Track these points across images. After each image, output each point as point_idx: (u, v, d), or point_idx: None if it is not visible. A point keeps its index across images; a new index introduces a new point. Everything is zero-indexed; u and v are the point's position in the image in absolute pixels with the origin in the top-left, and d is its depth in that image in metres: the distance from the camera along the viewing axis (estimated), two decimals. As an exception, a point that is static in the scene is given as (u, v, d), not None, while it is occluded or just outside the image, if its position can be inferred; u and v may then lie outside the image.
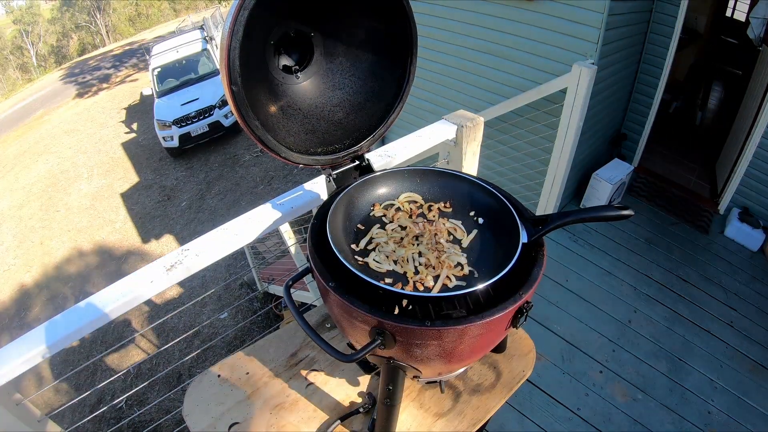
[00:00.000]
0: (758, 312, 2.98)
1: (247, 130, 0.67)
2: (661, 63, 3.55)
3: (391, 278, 0.66)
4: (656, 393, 2.51)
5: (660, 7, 3.37)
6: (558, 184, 3.14)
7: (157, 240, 7.72)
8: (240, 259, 6.36)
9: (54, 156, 11.20)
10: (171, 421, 3.12)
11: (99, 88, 15.51)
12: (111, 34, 26.08)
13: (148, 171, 9.72)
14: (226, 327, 5.52)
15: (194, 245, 1.09)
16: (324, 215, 0.69)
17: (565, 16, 3.04)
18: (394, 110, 0.82)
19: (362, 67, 0.79)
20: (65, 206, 9.18)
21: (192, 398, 0.87)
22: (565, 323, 2.87)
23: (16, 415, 1.04)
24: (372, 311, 0.56)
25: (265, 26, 0.66)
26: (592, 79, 2.68)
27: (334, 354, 0.55)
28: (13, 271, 7.81)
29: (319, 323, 1.02)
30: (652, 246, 3.43)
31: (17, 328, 6.71)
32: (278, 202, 1.18)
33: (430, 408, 0.85)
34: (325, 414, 0.85)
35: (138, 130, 11.58)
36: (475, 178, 0.77)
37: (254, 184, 8.51)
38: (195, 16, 18.66)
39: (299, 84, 0.77)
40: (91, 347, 5.78)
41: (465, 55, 3.76)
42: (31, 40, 25.71)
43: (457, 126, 1.42)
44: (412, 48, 0.77)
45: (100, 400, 4.94)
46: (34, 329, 0.98)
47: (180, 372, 5.01)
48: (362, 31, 0.76)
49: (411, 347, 0.57)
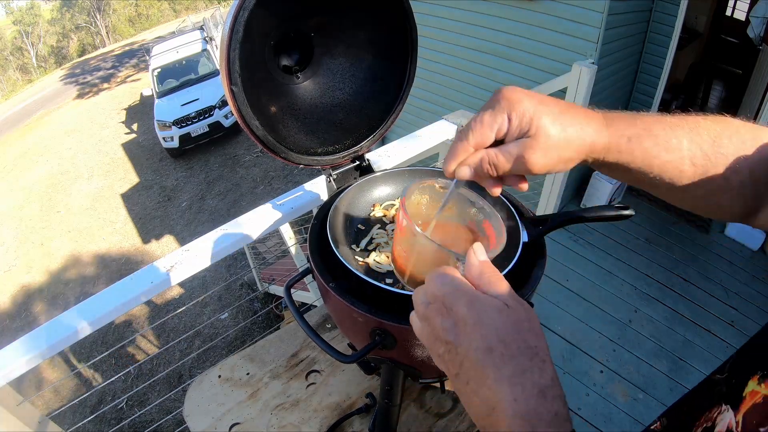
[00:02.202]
0: (759, 311, 2.98)
1: (247, 130, 0.67)
2: (661, 62, 3.54)
3: (392, 278, 0.66)
4: (657, 393, 2.51)
5: (660, 6, 3.37)
6: (558, 184, 3.14)
7: (157, 240, 7.72)
8: (240, 260, 6.37)
9: (54, 157, 11.21)
10: (172, 422, 3.12)
11: (99, 88, 15.52)
12: (111, 35, 26.10)
13: (149, 171, 9.73)
14: (226, 327, 5.52)
15: (194, 246, 1.09)
16: (324, 215, 0.69)
17: (565, 15, 3.04)
18: (394, 110, 0.82)
19: (362, 67, 0.79)
20: (66, 207, 9.19)
21: (193, 399, 0.87)
22: (565, 323, 2.87)
23: (16, 415, 1.04)
24: (372, 312, 0.55)
25: (265, 26, 0.66)
26: (591, 79, 2.68)
27: (334, 355, 0.55)
28: (13, 272, 7.82)
29: (319, 323, 1.02)
30: (652, 245, 3.43)
31: (18, 328, 6.71)
32: (278, 202, 1.18)
33: (430, 408, 0.85)
34: (325, 414, 0.85)
35: (138, 130, 11.58)
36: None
37: (254, 184, 8.51)
38: (195, 17, 18.69)
39: (299, 84, 0.77)
40: (91, 348, 5.78)
41: (465, 55, 3.76)
42: (31, 41, 25.73)
43: (457, 126, 1.43)
44: (412, 48, 0.77)
45: (100, 401, 4.94)
46: (35, 330, 0.98)
47: (181, 372, 5.01)
48: (362, 32, 0.76)
49: (411, 348, 0.57)
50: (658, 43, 3.51)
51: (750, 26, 3.89)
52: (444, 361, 0.35)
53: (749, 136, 0.44)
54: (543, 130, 0.41)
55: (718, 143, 0.44)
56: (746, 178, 0.44)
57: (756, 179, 0.44)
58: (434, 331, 0.36)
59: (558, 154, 0.43)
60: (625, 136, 0.44)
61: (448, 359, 0.35)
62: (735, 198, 0.45)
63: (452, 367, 0.34)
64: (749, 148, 0.44)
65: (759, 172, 0.44)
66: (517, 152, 0.42)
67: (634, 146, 0.44)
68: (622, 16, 3.06)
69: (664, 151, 0.44)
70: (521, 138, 0.42)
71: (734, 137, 0.44)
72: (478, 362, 0.32)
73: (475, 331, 0.33)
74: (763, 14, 3.79)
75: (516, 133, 0.42)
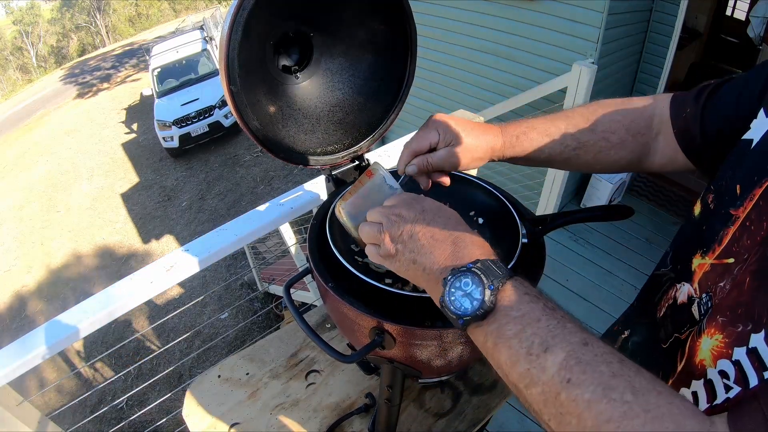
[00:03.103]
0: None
1: (246, 130, 0.67)
2: (661, 62, 3.54)
3: (391, 278, 0.66)
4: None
5: (660, 6, 3.37)
6: (558, 184, 3.14)
7: (157, 240, 7.72)
8: (240, 259, 6.37)
9: (54, 156, 11.21)
10: (172, 422, 3.11)
11: (99, 88, 15.52)
12: (111, 35, 26.09)
13: (149, 171, 9.73)
14: (226, 327, 5.52)
15: (194, 245, 1.09)
16: (324, 215, 0.69)
17: (565, 15, 3.04)
18: (394, 110, 0.82)
19: (362, 67, 0.79)
20: (66, 207, 9.19)
21: (192, 399, 0.87)
22: (565, 323, 2.86)
23: (16, 415, 1.04)
24: (372, 312, 0.56)
25: (265, 26, 0.66)
26: (591, 79, 2.68)
27: (334, 355, 0.55)
28: (13, 272, 7.82)
29: (319, 323, 1.02)
30: (652, 245, 3.43)
31: (18, 328, 6.72)
32: (278, 202, 1.18)
33: (430, 408, 0.85)
34: (325, 414, 0.85)
35: (138, 130, 11.58)
36: (474, 177, 0.76)
37: (254, 184, 8.51)
38: (195, 17, 18.70)
39: (299, 84, 0.77)
40: (91, 348, 5.78)
41: (465, 54, 3.76)
42: (31, 40, 25.74)
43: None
44: (412, 48, 0.77)
45: (100, 401, 4.94)
46: (35, 330, 0.98)
47: (181, 372, 5.01)
48: (362, 31, 0.76)
49: (411, 348, 0.57)
50: (658, 43, 3.51)
51: (750, 26, 3.88)
52: (403, 241, 0.46)
53: (621, 106, 0.63)
54: (460, 139, 0.61)
55: (591, 118, 0.62)
56: (624, 135, 0.61)
57: (635, 133, 0.61)
58: (398, 221, 0.47)
59: (471, 155, 0.62)
60: (514, 135, 0.63)
61: (407, 237, 0.46)
62: (619, 151, 0.63)
63: (410, 243, 0.46)
64: (621, 114, 0.62)
65: (635, 128, 0.61)
66: (445, 154, 0.61)
67: (522, 140, 0.63)
68: (622, 16, 3.06)
69: (546, 137, 0.63)
70: (447, 147, 0.62)
71: (608, 109, 0.63)
72: (444, 227, 0.46)
73: (440, 211, 0.49)
74: (763, 14, 3.78)
75: (443, 143, 0.61)
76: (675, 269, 0.55)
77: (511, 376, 0.38)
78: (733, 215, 0.45)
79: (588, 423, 0.32)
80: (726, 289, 0.43)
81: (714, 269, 0.46)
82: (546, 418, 0.35)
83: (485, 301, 0.40)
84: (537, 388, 0.35)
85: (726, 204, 0.47)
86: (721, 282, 0.44)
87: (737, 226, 0.44)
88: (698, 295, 0.48)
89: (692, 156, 0.60)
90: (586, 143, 0.62)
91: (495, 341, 0.39)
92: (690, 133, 0.58)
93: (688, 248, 0.52)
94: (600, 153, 0.63)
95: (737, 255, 0.43)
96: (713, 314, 0.42)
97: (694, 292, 0.49)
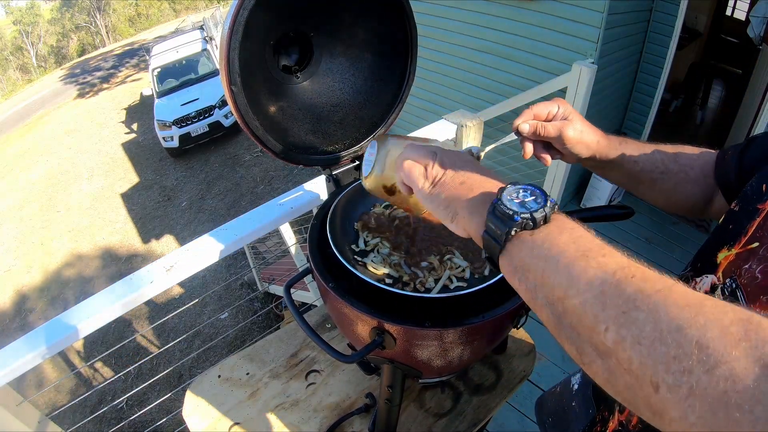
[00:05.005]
0: (759, 311, 2.98)
1: (246, 130, 0.67)
2: (661, 62, 3.54)
3: (392, 278, 0.66)
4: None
5: (660, 6, 3.37)
6: (558, 184, 3.14)
7: (157, 240, 7.72)
8: (240, 259, 6.36)
9: (54, 156, 11.21)
10: (172, 422, 3.11)
11: (99, 88, 15.51)
12: (111, 35, 26.08)
13: (149, 171, 9.72)
14: (226, 327, 5.52)
15: (194, 245, 1.09)
16: (324, 215, 0.69)
17: (565, 15, 3.04)
18: (394, 110, 0.82)
19: (362, 67, 0.79)
20: (65, 207, 9.19)
21: (192, 399, 0.87)
22: (565, 323, 2.86)
23: (16, 415, 1.04)
24: (372, 312, 0.56)
25: (265, 26, 0.66)
26: (591, 79, 2.67)
27: (334, 355, 0.55)
28: (13, 272, 7.81)
29: (319, 323, 1.02)
30: (652, 245, 3.43)
31: (18, 329, 6.71)
32: (278, 202, 1.18)
33: (430, 408, 0.85)
34: (325, 414, 0.85)
35: (138, 130, 11.58)
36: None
37: (254, 184, 8.51)
38: (195, 17, 18.69)
39: (299, 84, 0.77)
40: (91, 347, 5.78)
41: (465, 55, 3.76)
42: (31, 40, 25.72)
43: (456, 126, 1.43)
44: (412, 48, 0.77)
45: (100, 401, 4.94)
46: (35, 330, 0.98)
47: (181, 372, 5.01)
48: (362, 31, 0.76)
49: (411, 348, 0.57)
50: (658, 43, 3.51)
51: (750, 26, 3.88)
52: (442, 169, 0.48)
53: (697, 150, 0.68)
54: (575, 119, 0.65)
55: (674, 150, 0.67)
56: (699, 173, 0.65)
57: (706, 175, 0.65)
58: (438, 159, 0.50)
59: (581, 137, 0.65)
60: (617, 141, 0.68)
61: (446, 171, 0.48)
62: (694, 187, 0.66)
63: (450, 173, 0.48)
64: (697, 155, 0.67)
65: (707, 169, 0.65)
66: (559, 125, 0.64)
67: (624, 147, 0.67)
68: (622, 16, 3.06)
69: (641, 152, 0.67)
70: (563, 120, 0.65)
71: (686, 149, 0.67)
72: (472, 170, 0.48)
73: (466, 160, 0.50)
74: (763, 14, 3.78)
75: (559, 117, 0.65)
76: (695, 268, 0.56)
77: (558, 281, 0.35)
78: (759, 209, 0.46)
79: (661, 314, 0.29)
80: (752, 269, 0.43)
81: (738, 257, 0.47)
82: (602, 327, 0.31)
83: (546, 207, 0.39)
84: (593, 291, 0.33)
85: (753, 202, 0.48)
86: (746, 264, 0.45)
87: (762, 216, 0.45)
88: (722, 282, 0.48)
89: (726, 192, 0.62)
90: (670, 170, 0.66)
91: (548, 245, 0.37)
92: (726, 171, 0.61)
93: (712, 247, 0.53)
94: (679, 184, 0.66)
95: (762, 239, 0.44)
96: (755, 294, 0.42)
97: (718, 281, 0.49)
